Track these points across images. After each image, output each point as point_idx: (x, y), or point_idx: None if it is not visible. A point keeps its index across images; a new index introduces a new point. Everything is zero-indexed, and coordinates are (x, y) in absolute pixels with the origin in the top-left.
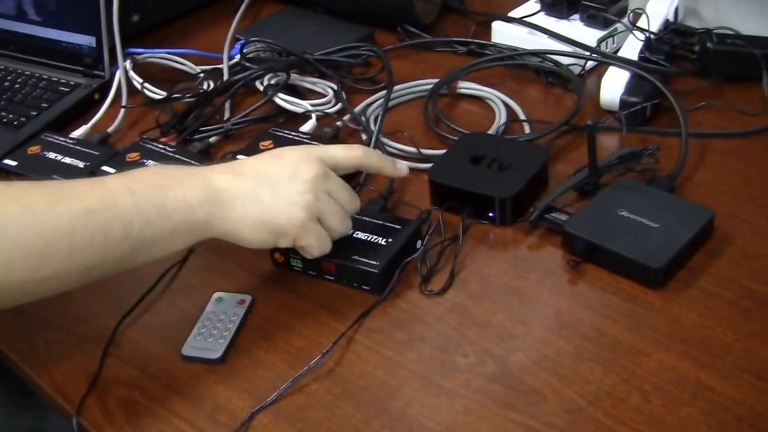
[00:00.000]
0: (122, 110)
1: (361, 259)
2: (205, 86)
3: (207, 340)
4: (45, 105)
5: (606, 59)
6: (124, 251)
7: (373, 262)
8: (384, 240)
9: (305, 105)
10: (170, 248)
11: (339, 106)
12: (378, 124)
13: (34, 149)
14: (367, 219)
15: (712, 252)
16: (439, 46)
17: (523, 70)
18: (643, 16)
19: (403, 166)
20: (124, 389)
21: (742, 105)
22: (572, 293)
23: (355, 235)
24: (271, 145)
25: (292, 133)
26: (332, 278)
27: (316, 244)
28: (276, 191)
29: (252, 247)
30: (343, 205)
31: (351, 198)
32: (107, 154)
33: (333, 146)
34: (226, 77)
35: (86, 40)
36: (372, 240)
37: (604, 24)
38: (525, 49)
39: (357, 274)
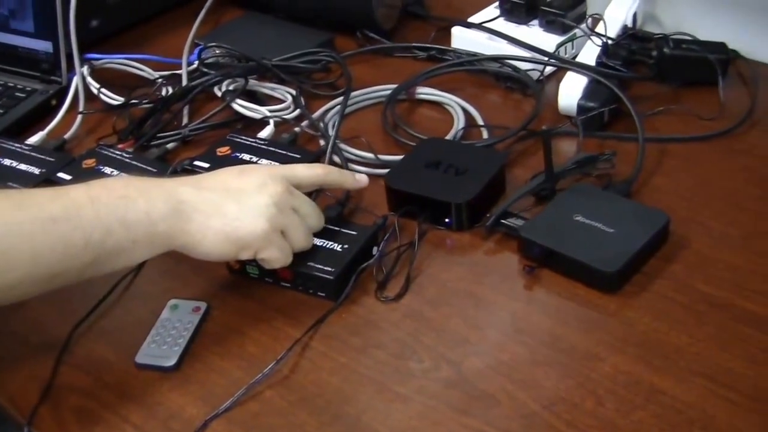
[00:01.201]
0: (79, 116)
1: (317, 265)
2: (163, 92)
3: (161, 348)
4: (0, 111)
5: (564, 64)
6: (85, 260)
7: (329, 269)
8: (340, 246)
9: (263, 111)
10: (133, 259)
11: (297, 111)
12: (335, 129)
13: None
14: (324, 225)
15: (667, 256)
16: (399, 51)
17: (483, 75)
18: (602, 22)
19: (362, 177)
20: (78, 397)
21: (699, 110)
22: (528, 298)
23: None
24: (229, 152)
25: (250, 140)
26: (288, 285)
27: (278, 257)
28: (240, 203)
29: (212, 260)
30: (307, 220)
31: (315, 215)
32: (63, 161)
33: (295, 165)
34: (184, 83)
35: (43, 46)
36: (328, 246)
37: (563, 29)
38: (484, 55)
39: (313, 280)
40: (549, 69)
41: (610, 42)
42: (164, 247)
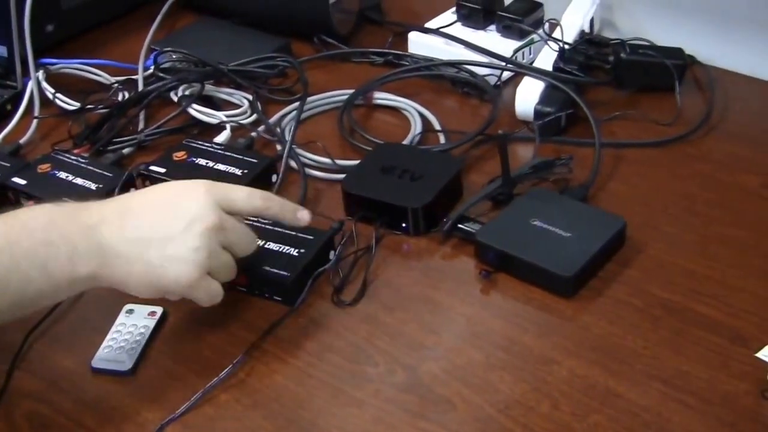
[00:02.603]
0: (34, 121)
1: (273, 269)
2: (119, 97)
3: (117, 352)
4: None
5: (520, 69)
6: (2, 305)
7: (285, 273)
8: (296, 250)
9: (220, 116)
10: (54, 300)
11: (254, 116)
12: (291, 134)
13: None
14: (280, 229)
15: (623, 261)
16: (356, 56)
17: (440, 80)
18: (559, 27)
19: (304, 215)
20: (31, 402)
21: (656, 115)
22: (484, 303)
23: (267, 246)
24: (185, 156)
25: (206, 144)
26: (244, 289)
27: (205, 298)
28: (165, 250)
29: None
30: (237, 252)
31: (246, 243)
32: (18, 166)
33: (235, 190)
34: (140, 88)
35: None
36: (284, 250)
37: (520, 35)
38: (441, 60)
39: (269, 284)
40: (506, 74)
41: (566, 47)
42: (88, 287)
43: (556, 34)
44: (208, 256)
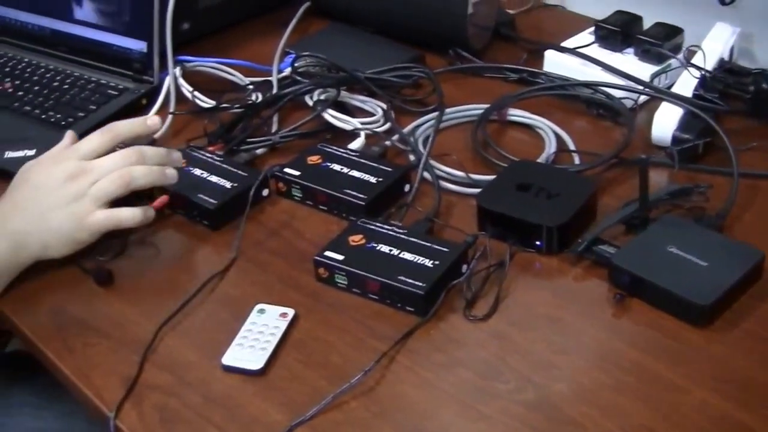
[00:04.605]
0: (169, 116)
1: (407, 279)
2: (253, 98)
3: (248, 351)
4: (92, 107)
5: (660, 94)
6: None
7: (419, 284)
8: (430, 262)
9: (354, 122)
10: None
11: (388, 125)
12: (428, 146)
13: None
14: (414, 240)
15: (758, 294)
16: (489, 71)
17: (573, 100)
18: (698, 54)
19: (154, 119)
20: (160, 395)
21: None
22: (615, 326)
23: (401, 255)
24: (319, 161)
25: (341, 150)
26: (376, 297)
27: (111, 223)
28: (49, 231)
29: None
30: (123, 165)
31: (123, 158)
32: None
33: (80, 144)
34: (275, 90)
35: (137, 45)
36: (418, 261)
37: (658, 59)
38: (578, 80)
39: (402, 294)
40: (642, 98)
41: (707, 74)
42: (23, 267)
43: (696, 60)
44: (75, 196)
